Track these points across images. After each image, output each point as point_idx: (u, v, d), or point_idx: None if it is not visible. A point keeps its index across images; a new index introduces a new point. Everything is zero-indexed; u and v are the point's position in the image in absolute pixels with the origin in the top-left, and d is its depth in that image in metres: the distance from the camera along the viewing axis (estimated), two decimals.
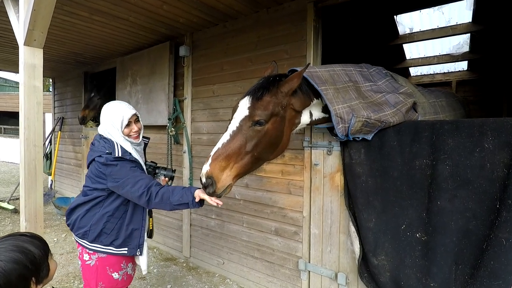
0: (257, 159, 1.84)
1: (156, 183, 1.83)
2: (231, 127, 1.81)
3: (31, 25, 2.21)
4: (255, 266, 3.04)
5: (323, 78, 1.99)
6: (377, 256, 2.11)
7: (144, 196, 1.76)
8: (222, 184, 1.72)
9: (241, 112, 1.82)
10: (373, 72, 2.31)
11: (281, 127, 1.86)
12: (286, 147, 2.01)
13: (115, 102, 2.03)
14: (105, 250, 1.92)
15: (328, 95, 1.94)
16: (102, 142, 1.92)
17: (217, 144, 1.79)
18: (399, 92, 2.19)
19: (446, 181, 1.88)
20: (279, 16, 2.81)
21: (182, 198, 1.74)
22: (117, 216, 1.94)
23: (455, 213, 1.85)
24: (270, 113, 1.78)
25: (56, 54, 4.72)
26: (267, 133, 1.80)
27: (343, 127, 1.97)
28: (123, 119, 1.91)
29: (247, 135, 1.77)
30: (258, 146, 1.80)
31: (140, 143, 2.06)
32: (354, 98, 2.03)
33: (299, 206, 2.68)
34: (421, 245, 1.97)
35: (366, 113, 1.99)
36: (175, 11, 2.99)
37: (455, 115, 2.87)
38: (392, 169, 2.09)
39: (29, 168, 2.35)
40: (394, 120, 2.05)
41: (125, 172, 1.81)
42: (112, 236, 1.92)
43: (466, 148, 1.83)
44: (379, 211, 2.12)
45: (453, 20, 4.47)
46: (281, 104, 1.82)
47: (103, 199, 1.92)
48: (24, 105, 2.33)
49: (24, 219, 2.36)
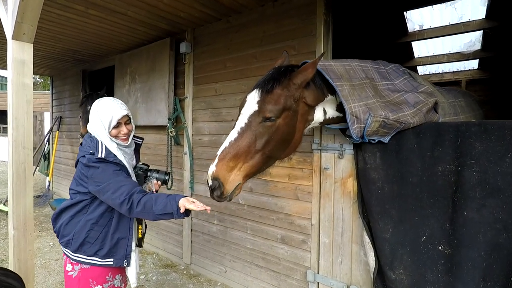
0: (268, 157, 1.68)
1: (140, 190, 1.66)
2: (239, 124, 1.65)
3: (19, 17, 2.05)
4: (260, 276, 2.86)
5: (338, 73, 1.82)
6: (394, 269, 1.93)
7: (125, 204, 1.58)
8: (230, 187, 1.57)
9: (250, 107, 1.65)
10: (390, 70, 2.14)
11: (293, 122, 1.69)
12: (299, 145, 1.84)
13: (107, 99, 1.84)
14: (89, 261, 1.76)
15: (344, 91, 1.76)
16: (88, 141, 1.77)
17: (224, 143, 1.63)
18: (419, 91, 2.01)
19: (474, 189, 1.70)
20: (286, 10, 2.63)
21: (166, 208, 1.57)
22: (102, 224, 1.77)
23: (483, 225, 1.67)
24: (281, 108, 1.61)
25: (52, 51, 4.55)
26: (278, 129, 1.64)
27: (359, 128, 1.79)
28: (112, 119, 1.75)
29: (256, 132, 1.61)
30: (269, 143, 1.63)
31: (130, 144, 1.89)
32: (371, 96, 1.85)
33: (307, 212, 2.50)
34: (445, 259, 1.79)
35: (384, 113, 1.81)
36: (175, 4, 2.82)
37: (475, 116, 2.69)
38: (411, 175, 1.91)
39: (18, 172, 2.18)
40: (414, 121, 1.87)
41: (107, 176, 1.65)
42: (96, 245, 1.76)
43: (496, 152, 1.66)
44: (397, 220, 1.95)
45: (466, 16, 4.28)
46: (293, 97, 1.65)
47: (87, 205, 1.76)
48: (13, 104, 2.16)
49: (12, 227, 2.19)
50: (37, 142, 10.19)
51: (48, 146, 6.49)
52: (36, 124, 11.23)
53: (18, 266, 2.11)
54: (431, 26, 4.59)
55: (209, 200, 3.26)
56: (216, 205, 3.23)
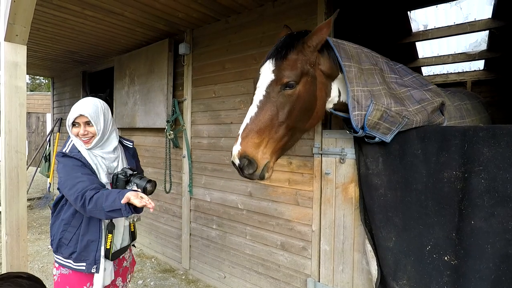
0: (292, 130, 1.61)
1: (96, 187, 1.54)
2: (257, 97, 1.57)
3: (11, 19, 1.99)
4: (259, 283, 2.79)
5: (349, 53, 1.74)
6: (397, 280, 1.85)
7: (79, 201, 1.50)
8: (260, 162, 1.50)
9: (266, 77, 1.57)
10: (399, 68, 2.06)
11: (313, 89, 1.62)
12: (321, 118, 1.77)
13: (84, 99, 1.81)
14: (65, 263, 1.71)
15: (350, 73, 1.69)
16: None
17: (244, 120, 1.56)
18: (427, 89, 1.93)
19: (482, 197, 1.62)
20: (286, 10, 2.56)
21: (115, 203, 1.42)
22: (74, 224, 1.71)
23: (492, 235, 1.59)
24: (299, 72, 1.54)
25: (51, 52, 4.52)
26: (299, 96, 1.56)
27: (359, 115, 1.71)
28: (70, 117, 1.72)
29: (277, 103, 1.53)
30: (292, 113, 1.56)
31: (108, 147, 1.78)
32: (378, 83, 1.77)
33: (307, 219, 2.43)
34: (450, 270, 1.71)
35: (387, 102, 1.73)
36: (172, 4, 2.76)
37: (481, 119, 2.59)
38: (415, 181, 1.83)
39: (11, 177, 2.13)
40: (417, 119, 1.79)
41: (67, 171, 1.62)
42: (71, 247, 1.69)
43: (506, 159, 1.57)
44: (400, 229, 1.87)
45: (472, 16, 4.18)
46: (309, 62, 1.58)
47: (63, 205, 1.74)
48: (5, 107, 2.11)
49: (5, 232, 2.14)
50: (39, 143, 10.20)
51: (49, 147, 6.47)
52: (39, 125, 11.25)
53: None
54: (435, 26, 4.49)
55: (208, 204, 3.22)
56: (214, 209, 3.17)
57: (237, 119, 2.94)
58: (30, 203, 6.31)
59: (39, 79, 24.51)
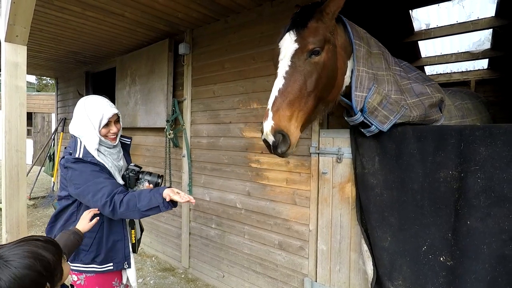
0: (319, 100, 1.57)
1: (121, 190, 1.60)
2: (281, 69, 1.53)
3: (11, 20, 2.03)
4: (257, 282, 2.79)
5: (360, 34, 1.74)
6: (393, 280, 1.84)
7: (108, 207, 1.53)
8: (294, 138, 1.46)
9: (289, 48, 1.53)
10: (404, 65, 2.07)
11: (335, 58, 1.59)
12: (340, 89, 1.72)
13: (95, 97, 1.77)
14: (88, 269, 1.70)
15: (359, 52, 1.68)
16: (70, 143, 1.72)
17: (272, 93, 1.51)
18: (428, 84, 1.92)
19: (478, 197, 1.60)
20: (284, 9, 2.56)
21: (151, 202, 1.52)
22: (93, 229, 1.68)
23: (488, 235, 1.57)
24: (323, 38, 1.51)
25: (55, 52, 4.57)
26: (325, 64, 1.54)
27: (361, 97, 1.70)
28: (103, 117, 1.68)
29: (305, 71, 1.50)
30: (319, 82, 1.52)
31: (116, 145, 1.83)
32: (383, 68, 1.77)
33: (305, 218, 2.42)
34: (446, 270, 1.70)
35: (388, 88, 1.73)
36: (172, 5, 2.77)
37: (481, 119, 2.57)
38: (411, 181, 1.82)
39: (11, 175, 2.17)
40: (414, 114, 1.78)
41: (86, 177, 1.58)
42: (92, 252, 1.69)
43: (502, 158, 1.56)
44: (396, 229, 1.86)
45: (474, 14, 4.13)
46: (329, 29, 1.55)
47: (74, 211, 1.69)
48: (5, 107, 2.15)
49: (5, 230, 2.18)
50: (44, 143, 10.33)
51: (53, 147, 6.54)
52: (44, 125, 11.39)
53: None
54: (438, 24, 4.45)
55: (207, 204, 3.23)
56: (213, 209, 3.18)
57: (236, 118, 2.95)
58: (34, 202, 6.39)
59: (45, 79, 24.80)
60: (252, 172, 2.81)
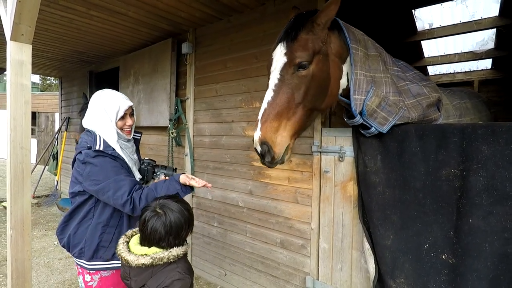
0: (310, 110, 1.62)
1: (138, 187, 1.62)
2: (272, 81, 1.59)
3: (17, 18, 2.04)
4: (259, 280, 2.80)
5: (357, 37, 1.75)
6: (395, 278, 1.84)
7: (129, 205, 1.55)
8: (280, 148, 1.52)
9: (278, 61, 1.58)
10: (402, 64, 2.07)
11: (326, 67, 1.61)
12: (337, 96, 1.76)
13: (110, 90, 1.79)
14: (108, 266, 1.71)
15: (356, 56, 1.69)
16: (85, 137, 1.70)
17: (262, 105, 1.57)
18: (425, 84, 1.92)
19: (480, 195, 1.60)
20: (286, 8, 2.57)
21: (169, 190, 1.59)
22: (113, 224, 1.71)
23: (490, 234, 1.57)
24: (311, 52, 1.54)
25: (59, 52, 4.61)
26: (314, 76, 1.57)
27: (359, 100, 1.72)
28: (119, 109, 1.71)
29: (292, 84, 1.54)
30: (308, 94, 1.56)
31: (130, 139, 1.86)
32: (381, 71, 1.78)
33: (307, 217, 2.43)
34: (448, 268, 1.69)
35: (386, 90, 1.74)
36: (175, 4, 2.79)
37: (480, 118, 2.56)
38: (413, 180, 1.82)
39: (16, 172, 2.19)
40: (412, 116, 1.79)
41: (106, 173, 1.58)
42: (112, 248, 1.69)
43: (505, 156, 1.55)
44: (398, 227, 1.86)
45: (478, 14, 4.12)
46: (321, 39, 1.57)
47: (92, 208, 1.69)
48: (11, 105, 2.17)
49: (10, 226, 2.20)
50: (48, 142, 10.40)
51: (57, 146, 6.59)
52: (48, 125, 11.47)
53: (16, 266, 2.11)
54: (441, 24, 4.44)
55: (209, 202, 3.24)
56: (216, 207, 3.19)
57: (238, 117, 2.96)
58: (38, 200, 6.44)
59: (49, 79, 24.98)
60: (254, 170, 2.82)
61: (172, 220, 1.40)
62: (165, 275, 1.36)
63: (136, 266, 1.35)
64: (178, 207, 1.44)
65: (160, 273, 1.36)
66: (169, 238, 1.39)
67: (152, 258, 1.34)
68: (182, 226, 1.43)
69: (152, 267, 1.36)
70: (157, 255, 1.35)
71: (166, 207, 1.43)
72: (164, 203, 1.45)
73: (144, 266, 1.34)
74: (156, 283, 1.35)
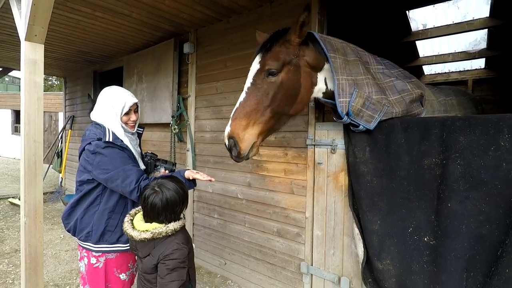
0: (278, 113, 1.78)
1: (146, 177, 1.77)
2: (246, 85, 1.78)
3: (31, 20, 2.20)
4: (257, 268, 2.95)
5: (334, 46, 1.91)
6: (382, 260, 1.99)
7: (136, 192, 1.70)
8: (245, 144, 1.68)
9: (253, 67, 1.79)
10: (387, 62, 2.22)
11: (296, 77, 1.79)
12: (306, 104, 1.95)
13: (117, 87, 1.95)
14: (113, 248, 1.85)
15: (336, 63, 1.86)
16: (93, 129, 1.84)
17: (236, 105, 1.75)
18: (409, 81, 2.07)
19: (457, 182, 1.74)
20: (282, 10, 2.72)
21: None
22: (118, 211, 1.85)
23: (466, 217, 1.71)
24: (281, 62, 1.72)
25: (64, 52, 4.77)
26: (282, 83, 1.74)
27: (344, 102, 1.87)
28: (125, 105, 1.86)
29: (262, 89, 1.72)
30: (276, 98, 1.73)
31: (134, 133, 2.01)
32: (362, 73, 1.94)
33: (301, 206, 2.58)
34: (430, 250, 1.84)
35: (369, 90, 1.90)
36: (177, 6, 2.95)
37: (465, 114, 2.71)
38: (399, 169, 1.96)
39: (29, 164, 2.34)
40: (396, 111, 1.94)
41: (115, 163, 1.73)
42: (117, 232, 1.84)
43: (480, 146, 1.69)
44: (385, 213, 2.00)
45: (470, 15, 4.26)
46: (292, 53, 1.76)
47: (99, 195, 1.83)
48: (25, 101, 2.32)
49: (24, 214, 2.35)
50: (51, 141, 10.57)
51: (61, 144, 6.75)
52: (51, 124, 11.64)
53: (29, 251, 2.26)
54: (434, 25, 4.59)
55: (210, 195, 3.39)
56: (216, 200, 3.34)
57: None
58: (43, 197, 6.60)
59: (51, 80, 25.17)
60: (252, 164, 2.97)
61: (168, 197, 1.59)
62: (165, 246, 1.57)
63: (140, 240, 1.56)
64: (174, 186, 1.63)
65: (161, 245, 1.58)
66: (166, 213, 1.59)
67: (152, 233, 1.55)
68: (177, 203, 1.62)
69: (153, 240, 1.57)
70: (156, 230, 1.56)
71: (163, 186, 1.62)
72: (162, 183, 1.64)
73: (146, 240, 1.55)
74: (158, 252, 1.57)
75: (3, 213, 5.41)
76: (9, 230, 4.64)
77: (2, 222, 4.94)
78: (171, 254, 1.55)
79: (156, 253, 1.57)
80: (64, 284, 3.15)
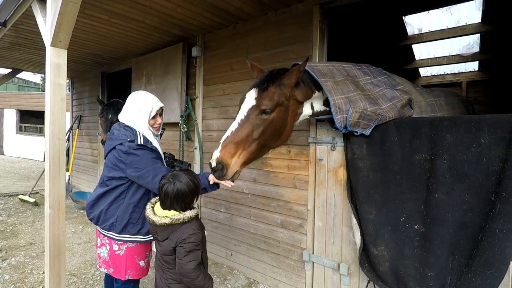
0: (262, 146, 1.97)
1: None
2: (239, 116, 1.95)
3: (57, 28, 2.41)
4: (262, 258, 3.16)
5: (322, 71, 2.12)
6: (377, 246, 2.20)
7: None
8: (231, 170, 1.86)
9: (249, 102, 1.95)
10: (373, 69, 2.42)
11: (285, 116, 1.99)
12: (289, 136, 2.14)
13: (145, 92, 2.14)
14: (134, 239, 2.04)
15: (328, 86, 2.06)
16: (123, 131, 2.00)
17: (227, 132, 1.92)
18: (396, 89, 2.29)
19: (444, 175, 1.95)
20: (286, 18, 2.94)
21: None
22: (141, 206, 2.03)
23: (452, 206, 1.92)
24: (275, 103, 1.91)
25: (76, 55, 4.98)
26: (272, 121, 1.93)
27: (342, 118, 2.08)
28: (152, 109, 2.05)
29: (254, 123, 1.89)
30: (264, 133, 1.92)
31: (159, 134, 2.21)
32: (352, 90, 2.14)
33: (304, 199, 2.79)
34: (419, 236, 2.05)
35: (363, 105, 2.10)
36: (188, 13, 3.16)
37: (454, 114, 2.92)
38: (392, 164, 2.17)
39: (54, 159, 2.54)
40: (390, 116, 2.14)
41: (146, 162, 1.91)
42: (139, 225, 2.03)
43: (464, 143, 1.90)
44: (380, 204, 2.21)
45: (462, 20, 4.48)
46: (285, 95, 1.95)
47: (125, 190, 2.00)
48: (50, 101, 2.53)
49: (49, 206, 2.55)
50: None
51: (68, 143, 6.95)
52: None
53: (53, 239, 2.46)
54: (430, 29, 4.81)
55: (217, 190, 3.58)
56: (223, 195, 3.55)
57: None
58: None
59: None
60: (257, 160, 3.17)
61: (179, 188, 1.76)
62: (182, 231, 1.77)
63: (160, 225, 1.76)
64: (185, 178, 1.79)
65: (179, 229, 1.78)
66: (177, 202, 1.77)
67: (171, 219, 1.75)
68: (186, 194, 1.77)
69: (172, 226, 1.77)
70: (175, 217, 1.76)
71: (175, 178, 1.79)
72: (176, 174, 1.81)
73: (166, 224, 1.75)
74: (176, 236, 1.77)
75: (14, 209, 5.60)
76: (22, 225, 4.84)
77: (14, 218, 5.14)
78: (188, 238, 1.75)
79: (175, 237, 1.77)
80: (80, 273, 3.35)
